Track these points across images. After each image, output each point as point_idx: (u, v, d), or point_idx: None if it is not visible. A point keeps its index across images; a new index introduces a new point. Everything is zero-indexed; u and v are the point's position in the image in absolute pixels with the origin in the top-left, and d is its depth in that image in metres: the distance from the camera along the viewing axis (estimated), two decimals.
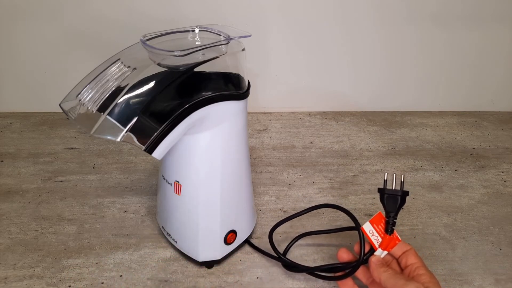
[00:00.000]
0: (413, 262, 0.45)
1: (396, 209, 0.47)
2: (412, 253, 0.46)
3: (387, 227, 0.47)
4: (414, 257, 0.45)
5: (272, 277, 0.53)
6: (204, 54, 0.45)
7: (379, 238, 0.47)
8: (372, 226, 0.47)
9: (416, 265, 0.44)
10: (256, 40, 0.84)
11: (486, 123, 0.94)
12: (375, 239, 0.47)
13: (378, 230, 0.47)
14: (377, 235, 0.47)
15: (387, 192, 0.48)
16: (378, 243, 0.47)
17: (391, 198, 0.47)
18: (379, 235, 0.47)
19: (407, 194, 0.48)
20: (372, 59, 0.91)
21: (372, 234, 0.47)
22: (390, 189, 0.48)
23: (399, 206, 0.47)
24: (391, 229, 0.47)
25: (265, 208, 0.66)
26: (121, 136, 0.40)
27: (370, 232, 0.47)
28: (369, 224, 0.48)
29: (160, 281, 0.52)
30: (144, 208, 0.65)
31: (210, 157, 0.49)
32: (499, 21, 0.87)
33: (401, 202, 0.47)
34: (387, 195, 0.48)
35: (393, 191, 0.48)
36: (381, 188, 0.49)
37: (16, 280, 0.52)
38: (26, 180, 0.71)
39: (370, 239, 0.47)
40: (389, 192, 0.48)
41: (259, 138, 0.86)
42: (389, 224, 0.47)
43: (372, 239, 0.47)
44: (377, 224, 0.47)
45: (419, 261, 0.45)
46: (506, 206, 0.67)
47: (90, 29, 0.84)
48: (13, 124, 0.89)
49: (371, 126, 0.92)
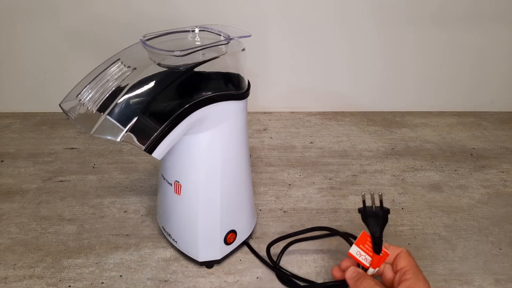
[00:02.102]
0: (403, 266, 0.44)
1: (380, 228, 0.46)
2: (402, 256, 0.45)
3: (374, 248, 0.46)
4: (403, 260, 0.44)
5: (272, 277, 0.53)
6: (204, 54, 0.45)
7: (368, 257, 0.46)
8: (359, 247, 0.46)
9: (405, 269, 0.43)
10: (256, 40, 0.84)
11: (486, 123, 0.94)
12: (364, 259, 0.46)
13: (366, 250, 0.46)
14: (365, 255, 0.46)
15: (368, 213, 0.47)
16: (367, 261, 0.46)
17: (373, 218, 0.46)
18: (367, 254, 0.46)
19: (388, 212, 0.46)
20: (372, 59, 0.91)
21: (360, 255, 0.46)
22: (370, 209, 0.47)
23: (382, 224, 0.46)
24: (379, 248, 0.45)
25: (265, 208, 0.66)
26: (121, 136, 0.40)
27: (358, 254, 0.46)
28: (355, 246, 0.46)
29: (160, 281, 0.52)
30: (144, 208, 0.65)
31: (210, 157, 0.49)
32: (499, 21, 0.87)
33: (383, 221, 0.46)
34: (368, 216, 0.46)
35: (373, 212, 0.46)
36: (361, 208, 0.47)
37: (16, 280, 0.52)
38: (26, 180, 0.71)
39: (359, 261, 0.46)
40: (370, 213, 0.46)
41: (259, 138, 0.86)
42: (376, 244, 0.46)
43: (361, 259, 0.46)
44: (363, 244, 0.46)
45: (408, 264, 0.44)
46: (506, 206, 0.67)
47: (90, 29, 0.85)
48: (13, 124, 0.89)
49: (371, 126, 0.92)
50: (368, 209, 0.47)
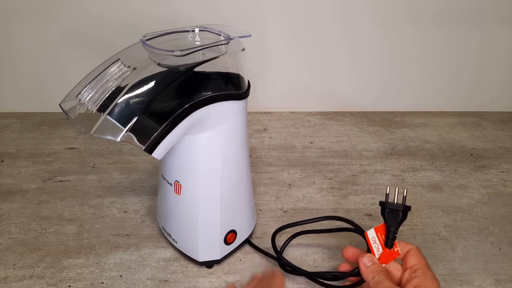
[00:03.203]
0: (413, 264, 0.44)
1: (397, 224, 0.46)
2: (412, 254, 0.44)
3: (387, 242, 0.45)
4: (413, 258, 0.44)
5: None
6: (204, 54, 0.45)
7: (380, 248, 0.46)
8: (376, 234, 0.46)
9: (415, 268, 0.43)
10: (256, 40, 0.83)
11: (486, 123, 0.94)
12: (376, 247, 0.46)
13: (381, 240, 0.46)
14: (379, 244, 0.46)
15: (388, 206, 0.46)
16: (378, 252, 0.46)
17: (392, 212, 0.46)
18: (380, 245, 0.46)
19: (409, 209, 0.46)
20: (372, 59, 0.91)
21: (374, 241, 0.46)
22: (392, 203, 0.46)
23: (400, 221, 0.46)
24: (391, 243, 0.45)
25: (265, 208, 0.66)
26: (121, 136, 0.40)
27: (373, 240, 0.46)
28: (373, 231, 0.46)
29: (160, 281, 0.52)
30: (144, 208, 0.65)
31: (210, 157, 0.49)
32: (499, 21, 0.87)
33: (402, 217, 0.46)
34: (388, 209, 0.46)
35: (394, 206, 0.46)
36: (382, 201, 0.47)
37: (16, 280, 0.52)
38: (26, 180, 0.71)
39: (372, 247, 0.46)
40: (390, 206, 0.46)
41: (259, 138, 0.86)
42: (389, 238, 0.45)
43: (373, 246, 0.46)
44: (380, 234, 0.46)
45: (418, 262, 0.43)
46: (506, 206, 0.67)
47: (90, 29, 0.85)
48: (13, 124, 0.89)
49: (371, 126, 0.92)
50: (388, 203, 0.46)
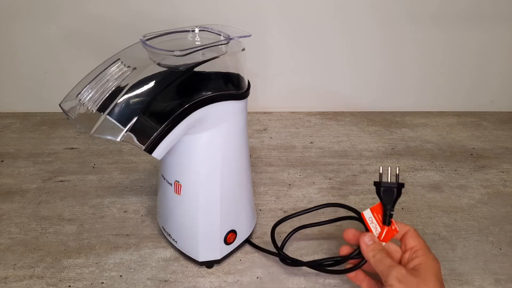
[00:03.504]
0: (412, 245, 0.45)
1: (393, 201, 0.47)
2: (411, 235, 0.45)
3: (384, 219, 0.47)
4: (412, 239, 0.45)
5: (272, 277, 0.53)
6: (204, 54, 0.45)
7: (378, 227, 0.47)
8: (372, 214, 0.47)
9: (415, 249, 0.44)
10: (256, 40, 0.83)
11: (486, 123, 0.94)
12: (374, 227, 0.47)
13: (378, 220, 0.47)
14: (376, 224, 0.47)
15: (383, 185, 0.48)
16: (376, 231, 0.47)
17: (387, 190, 0.47)
18: (378, 225, 0.47)
19: (403, 186, 0.48)
20: (373, 59, 0.91)
21: (371, 221, 0.47)
22: (386, 182, 0.48)
23: (395, 198, 0.47)
24: (389, 221, 0.47)
25: (265, 208, 0.66)
26: (121, 136, 0.40)
27: (370, 220, 0.47)
28: (369, 211, 0.48)
29: (160, 281, 0.52)
30: (144, 208, 0.65)
31: (210, 157, 0.49)
32: (499, 21, 0.87)
33: (397, 194, 0.47)
34: (383, 188, 0.48)
35: (389, 184, 0.48)
36: (377, 181, 0.48)
37: (16, 280, 0.52)
38: (26, 180, 0.71)
39: (369, 227, 0.47)
40: (385, 185, 0.48)
41: (259, 138, 0.86)
42: (387, 215, 0.47)
43: (371, 226, 0.47)
44: (377, 213, 0.47)
45: (418, 243, 0.44)
46: (506, 206, 0.67)
47: (90, 29, 0.85)
48: (13, 124, 0.89)
49: (371, 126, 0.92)
50: (383, 183, 0.48)
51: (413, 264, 0.42)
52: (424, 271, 0.41)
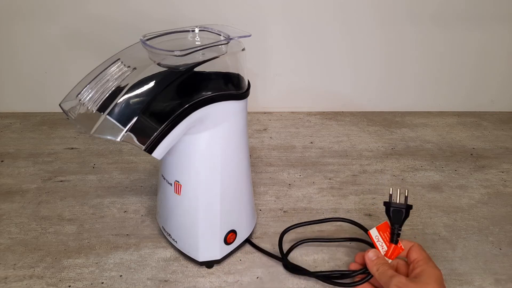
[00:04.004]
0: (415, 258, 0.47)
1: (401, 221, 0.50)
2: (415, 249, 0.48)
3: (392, 237, 0.50)
4: (415, 253, 0.47)
5: (272, 277, 0.53)
6: (204, 54, 0.45)
7: (384, 245, 0.49)
8: (379, 232, 0.50)
9: (417, 260, 0.46)
10: (256, 40, 0.83)
11: (486, 123, 0.94)
12: (380, 245, 0.49)
13: (384, 238, 0.50)
14: (382, 242, 0.49)
15: (392, 205, 0.51)
16: (383, 249, 0.49)
17: (396, 211, 0.51)
18: (384, 243, 0.49)
19: (411, 207, 0.51)
20: (372, 59, 0.91)
21: (378, 239, 0.50)
22: (395, 203, 0.51)
23: (404, 218, 0.50)
24: (396, 239, 0.49)
25: (265, 208, 0.66)
26: (121, 136, 0.40)
27: (376, 238, 0.50)
28: (375, 230, 0.50)
29: (160, 281, 0.52)
30: (144, 208, 0.65)
31: (210, 157, 0.49)
32: (499, 21, 0.87)
33: (405, 215, 0.50)
34: (392, 208, 0.51)
35: (398, 205, 0.51)
36: (387, 202, 0.51)
37: (16, 280, 0.52)
38: (26, 180, 0.71)
39: (376, 245, 0.49)
40: (394, 205, 0.51)
41: (259, 138, 0.86)
42: (394, 234, 0.49)
43: (378, 244, 0.49)
44: (383, 232, 0.50)
45: (419, 255, 0.47)
46: (506, 206, 0.67)
47: (90, 29, 0.85)
48: (13, 124, 0.89)
49: (371, 126, 0.92)
50: (392, 203, 0.51)
51: (414, 273, 0.45)
52: (425, 277, 0.43)
